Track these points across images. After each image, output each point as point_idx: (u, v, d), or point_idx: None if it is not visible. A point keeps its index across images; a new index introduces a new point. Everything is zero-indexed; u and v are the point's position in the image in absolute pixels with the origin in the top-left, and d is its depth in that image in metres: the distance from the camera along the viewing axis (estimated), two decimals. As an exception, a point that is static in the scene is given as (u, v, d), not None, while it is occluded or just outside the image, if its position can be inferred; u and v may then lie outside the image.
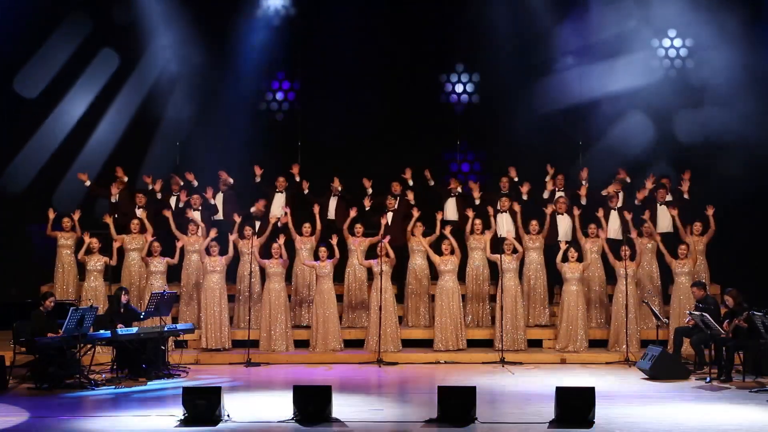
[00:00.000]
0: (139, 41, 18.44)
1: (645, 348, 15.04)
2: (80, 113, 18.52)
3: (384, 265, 15.71)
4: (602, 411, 11.63)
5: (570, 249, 15.91)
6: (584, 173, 17.45)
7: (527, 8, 18.55)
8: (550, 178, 17.29)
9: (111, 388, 13.65)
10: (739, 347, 14.18)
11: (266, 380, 14.30)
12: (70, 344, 13.82)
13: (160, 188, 17.24)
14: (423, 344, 16.05)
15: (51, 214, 16.44)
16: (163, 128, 18.62)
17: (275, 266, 15.82)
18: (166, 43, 18.50)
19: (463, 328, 15.91)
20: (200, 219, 16.66)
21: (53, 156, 18.43)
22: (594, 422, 11.33)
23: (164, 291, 15.09)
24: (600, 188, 17.32)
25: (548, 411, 11.63)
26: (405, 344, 16.01)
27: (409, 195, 17.10)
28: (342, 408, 11.95)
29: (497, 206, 16.79)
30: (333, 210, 17.27)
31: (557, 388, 11.54)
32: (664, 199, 16.85)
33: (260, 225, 16.68)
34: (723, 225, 16.98)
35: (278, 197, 17.30)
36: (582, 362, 15.50)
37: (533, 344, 16.12)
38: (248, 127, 18.52)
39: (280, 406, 11.90)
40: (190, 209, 16.68)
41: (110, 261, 15.76)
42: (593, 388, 11.52)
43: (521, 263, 16.15)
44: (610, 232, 16.53)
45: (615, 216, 16.77)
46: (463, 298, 16.17)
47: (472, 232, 16.35)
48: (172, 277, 16.38)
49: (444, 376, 14.49)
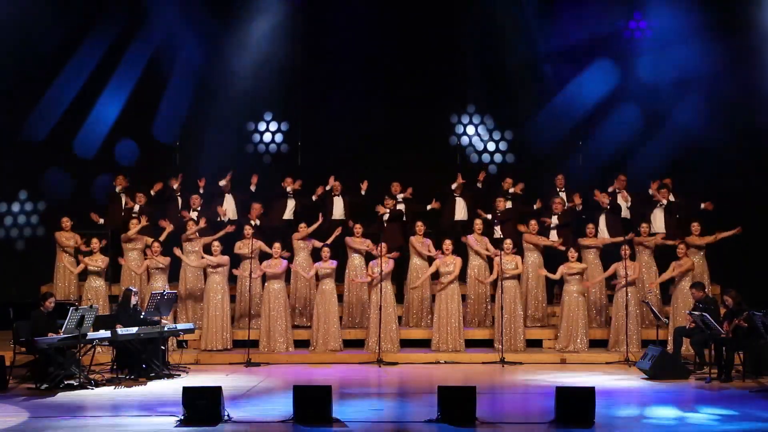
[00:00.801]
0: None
1: (645, 348, 15.04)
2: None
3: (384, 266, 15.72)
4: (602, 411, 11.63)
5: (570, 249, 15.92)
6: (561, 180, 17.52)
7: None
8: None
9: (111, 388, 13.65)
10: (739, 347, 14.18)
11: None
12: (70, 344, 13.82)
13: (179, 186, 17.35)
14: (423, 344, 16.06)
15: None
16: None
17: (275, 267, 15.82)
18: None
19: (462, 329, 15.92)
20: (199, 219, 16.68)
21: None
22: (594, 422, 11.34)
23: (164, 291, 15.09)
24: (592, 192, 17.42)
25: (548, 411, 11.64)
26: (405, 344, 16.01)
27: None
28: (342, 408, 11.96)
29: (496, 206, 16.89)
30: (341, 210, 17.27)
31: (557, 388, 11.54)
32: (666, 200, 16.87)
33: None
34: (722, 225, 17.03)
35: (289, 202, 17.35)
36: (582, 362, 15.50)
37: (533, 344, 16.12)
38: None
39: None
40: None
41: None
42: (593, 388, 11.52)
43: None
44: (603, 233, 16.61)
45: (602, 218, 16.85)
46: (463, 299, 16.17)
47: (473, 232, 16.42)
48: (172, 278, 16.38)
49: (444, 376, 14.49)
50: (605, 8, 18.65)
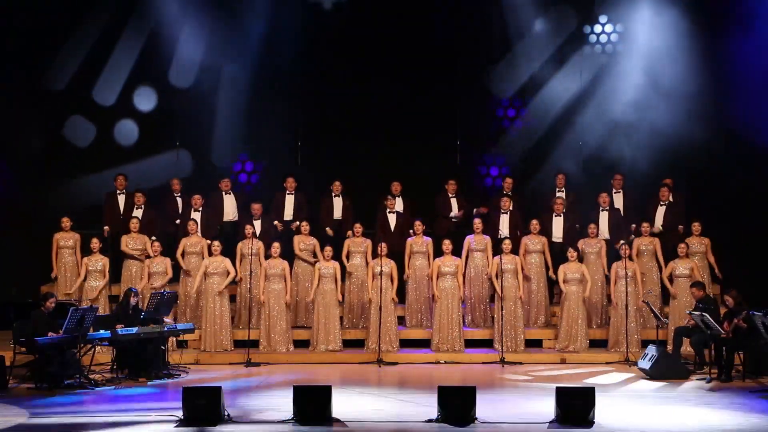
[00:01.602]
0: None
1: (645, 348, 15.04)
2: None
3: (384, 266, 15.72)
4: (602, 411, 11.63)
5: (570, 249, 15.93)
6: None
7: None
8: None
9: (111, 388, 13.65)
10: (739, 347, 14.18)
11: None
12: (70, 344, 13.82)
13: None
14: (423, 344, 16.06)
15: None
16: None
17: (275, 267, 15.82)
18: None
19: (462, 329, 15.91)
20: (200, 219, 16.68)
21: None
22: (594, 422, 11.34)
23: (164, 291, 15.09)
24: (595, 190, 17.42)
25: (548, 411, 11.64)
26: (405, 344, 16.02)
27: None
28: (342, 408, 11.96)
29: (500, 206, 16.89)
30: (340, 211, 17.29)
31: (557, 388, 11.54)
32: (667, 200, 16.87)
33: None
34: (723, 225, 17.04)
35: (288, 199, 17.34)
36: (582, 362, 15.49)
37: (533, 344, 16.12)
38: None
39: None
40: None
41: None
42: (593, 388, 11.52)
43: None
44: (604, 233, 16.61)
45: (604, 217, 16.84)
46: (464, 299, 16.17)
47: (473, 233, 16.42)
48: (172, 278, 16.37)
49: (444, 376, 14.49)
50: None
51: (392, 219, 16.90)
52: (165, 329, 14.55)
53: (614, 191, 17.20)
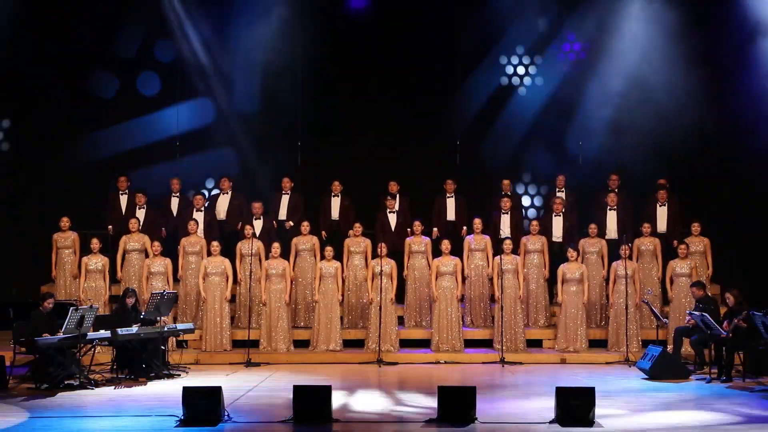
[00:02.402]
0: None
1: (645, 348, 15.05)
2: None
3: (384, 266, 15.73)
4: (602, 411, 11.63)
5: (570, 249, 15.94)
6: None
7: None
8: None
9: (111, 388, 13.65)
10: (739, 347, 14.18)
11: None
12: (70, 344, 13.82)
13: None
14: (423, 344, 16.06)
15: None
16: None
17: (276, 267, 15.82)
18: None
19: (462, 329, 15.92)
20: (202, 220, 16.69)
21: None
22: (594, 422, 11.33)
23: (164, 291, 15.09)
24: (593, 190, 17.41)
25: (548, 411, 11.64)
26: (405, 344, 16.02)
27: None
28: (342, 408, 11.95)
29: (500, 206, 16.90)
30: (337, 211, 17.29)
31: (557, 388, 11.54)
32: (665, 201, 16.88)
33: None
34: (723, 225, 17.06)
35: (284, 199, 17.35)
36: (582, 362, 15.50)
37: (533, 344, 16.13)
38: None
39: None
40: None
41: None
42: (593, 388, 11.51)
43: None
44: (611, 233, 16.63)
45: (612, 216, 16.84)
46: (463, 299, 16.17)
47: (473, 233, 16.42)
48: (172, 278, 16.37)
49: (444, 376, 14.49)
50: None
51: (392, 219, 16.91)
52: (165, 329, 14.56)
53: (609, 191, 17.24)
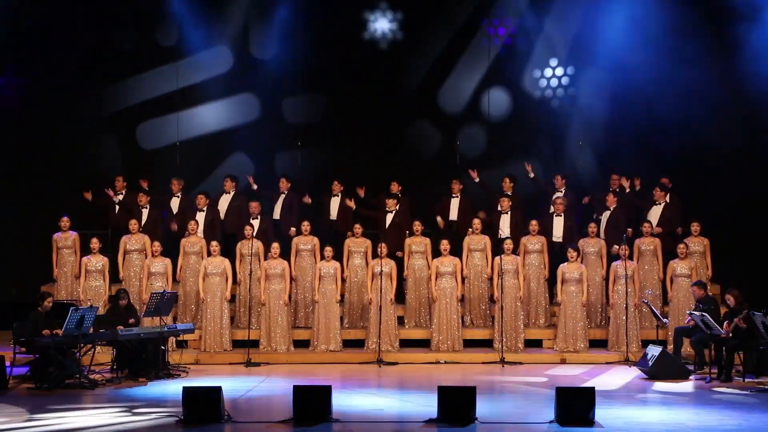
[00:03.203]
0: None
1: (645, 348, 15.05)
2: None
3: (384, 266, 15.73)
4: (602, 411, 11.63)
5: (569, 249, 15.93)
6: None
7: None
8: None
9: (111, 388, 13.64)
10: (739, 347, 14.18)
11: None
12: (70, 344, 13.82)
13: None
14: (423, 344, 16.06)
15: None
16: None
17: (275, 267, 15.82)
18: None
19: (461, 329, 15.91)
20: (203, 220, 16.69)
21: None
22: (594, 422, 11.33)
23: (164, 291, 15.09)
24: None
25: (548, 411, 11.64)
26: (405, 344, 16.02)
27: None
28: (342, 408, 11.96)
29: (498, 206, 16.90)
30: (335, 211, 17.29)
31: (557, 388, 11.53)
32: (663, 200, 16.87)
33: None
34: (724, 225, 17.06)
35: (280, 199, 17.37)
36: (582, 362, 15.50)
37: (533, 344, 16.13)
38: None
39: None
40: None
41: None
42: (593, 388, 11.52)
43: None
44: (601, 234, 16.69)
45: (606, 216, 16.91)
46: (463, 299, 16.17)
47: (472, 233, 16.42)
48: (172, 278, 16.37)
49: (444, 376, 14.49)
50: None
51: (388, 219, 16.92)
52: (165, 329, 14.56)
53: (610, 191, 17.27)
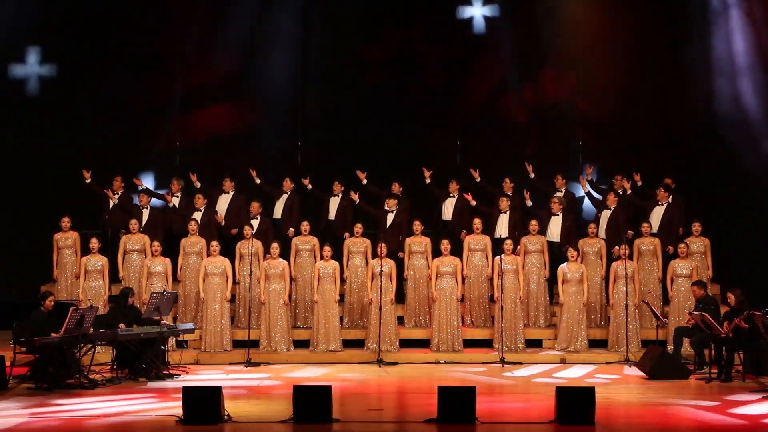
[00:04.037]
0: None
1: (645, 348, 15.04)
2: None
3: (384, 266, 15.73)
4: (602, 411, 11.63)
5: (569, 249, 15.93)
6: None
7: None
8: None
9: (111, 388, 13.64)
10: (739, 347, 14.17)
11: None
12: (70, 344, 13.82)
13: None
14: (423, 344, 16.06)
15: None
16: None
17: (275, 267, 15.82)
18: None
19: (461, 329, 15.92)
20: (200, 219, 16.69)
21: None
22: (594, 422, 11.33)
23: (164, 291, 15.09)
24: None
25: (548, 411, 11.64)
26: (405, 344, 16.02)
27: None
28: (342, 408, 11.96)
29: (498, 206, 16.90)
30: (334, 211, 17.30)
31: (557, 388, 11.54)
32: (666, 201, 16.85)
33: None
34: (724, 225, 17.06)
35: (281, 198, 17.39)
36: (582, 362, 15.50)
37: (533, 344, 16.12)
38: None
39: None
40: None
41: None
42: (593, 388, 11.52)
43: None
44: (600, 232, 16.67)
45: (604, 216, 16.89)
46: (463, 299, 16.17)
47: (472, 233, 16.42)
48: (172, 278, 16.36)
49: (444, 376, 14.49)
50: None
51: (389, 218, 16.92)
52: (165, 329, 14.55)
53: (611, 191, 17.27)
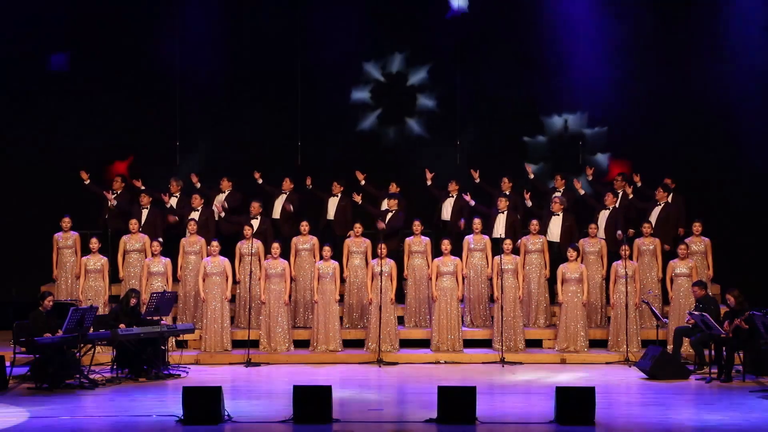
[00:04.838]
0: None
1: (645, 348, 15.04)
2: None
3: (384, 266, 15.73)
4: (602, 411, 11.64)
5: (569, 249, 15.93)
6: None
7: None
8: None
9: (111, 388, 13.64)
10: (739, 347, 14.18)
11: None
12: (70, 344, 13.82)
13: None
14: (423, 344, 16.06)
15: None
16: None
17: (275, 267, 15.82)
18: None
19: (461, 329, 15.92)
20: (198, 219, 16.70)
21: None
22: (594, 422, 11.34)
23: (164, 291, 15.09)
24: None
25: (548, 411, 11.64)
26: (405, 344, 16.02)
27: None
28: (342, 408, 11.96)
29: (497, 206, 16.90)
30: (333, 211, 17.31)
31: (557, 388, 11.54)
32: (666, 200, 16.85)
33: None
34: (724, 225, 17.06)
35: (281, 198, 17.40)
36: (582, 362, 15.50)
37: (533, 344, 16.12)
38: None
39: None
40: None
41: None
42: (593, 388, 11.52)
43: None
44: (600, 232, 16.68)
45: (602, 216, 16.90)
46: (463, 299, 16.17)
47: (472, 233, 16.43)
48: (172, 278, 16.37)
49: (444, 376, 14.49)
50: None
51: (386, 219, 16.92)
52: (165, 329, 14.56)
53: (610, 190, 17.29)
